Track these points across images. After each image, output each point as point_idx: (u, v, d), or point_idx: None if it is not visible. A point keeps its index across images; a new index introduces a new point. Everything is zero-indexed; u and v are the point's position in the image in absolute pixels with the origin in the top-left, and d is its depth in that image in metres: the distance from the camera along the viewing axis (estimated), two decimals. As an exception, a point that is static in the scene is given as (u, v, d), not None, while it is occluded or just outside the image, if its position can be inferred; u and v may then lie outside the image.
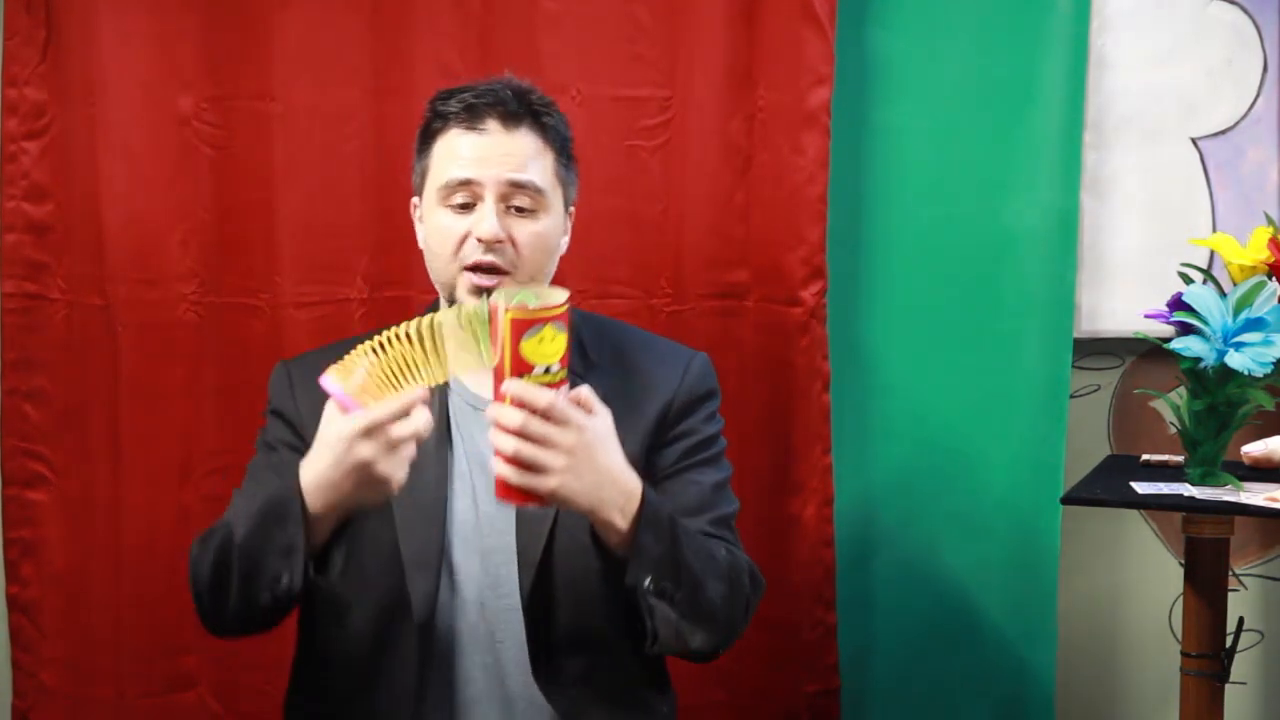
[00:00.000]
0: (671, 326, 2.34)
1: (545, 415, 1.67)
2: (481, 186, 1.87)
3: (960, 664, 2.38)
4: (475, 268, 1.87)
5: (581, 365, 1.93)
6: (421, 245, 1.95)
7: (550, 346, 1.68)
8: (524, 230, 1.88)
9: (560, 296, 1.69)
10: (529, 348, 1.68)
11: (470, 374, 1.89)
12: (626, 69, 2.35)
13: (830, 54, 2.28)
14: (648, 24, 2.34)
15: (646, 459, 1.91)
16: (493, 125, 1.88)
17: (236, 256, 2.42)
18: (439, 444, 1.91)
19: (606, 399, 1.81)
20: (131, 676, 2.47)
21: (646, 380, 1.95)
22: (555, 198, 1.91)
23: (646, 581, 1.76)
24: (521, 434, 1.67)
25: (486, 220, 1.86)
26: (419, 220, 1.96)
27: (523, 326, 1.66)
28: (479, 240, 1.86)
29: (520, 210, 1.88)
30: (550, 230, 1.90)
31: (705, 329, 2.35)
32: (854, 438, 2.38)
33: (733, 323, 2.36)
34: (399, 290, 2.40)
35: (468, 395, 1.95)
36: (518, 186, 1.87)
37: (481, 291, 1.85)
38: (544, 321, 1.67)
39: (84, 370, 2.45)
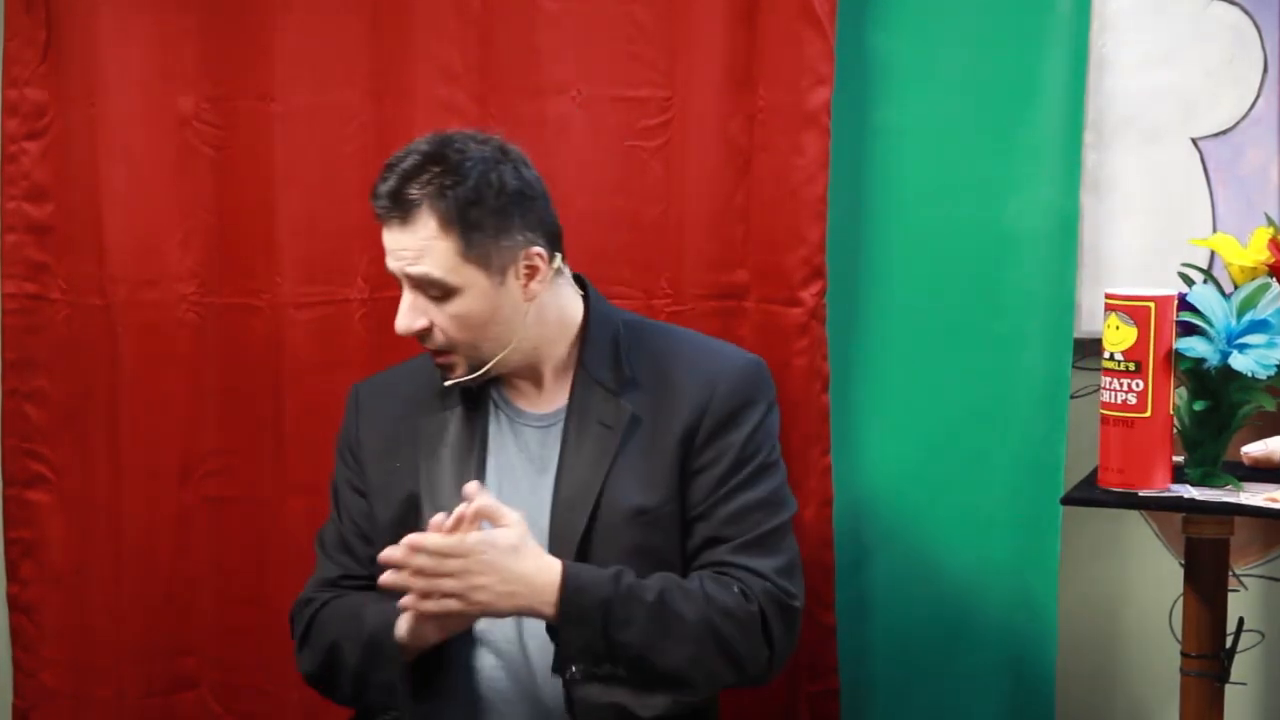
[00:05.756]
0: (671, 327, 2.34)
1: (436, 553, 1.81)
2: (400, 278, 1.93)
3: (960, 664, 2.38)
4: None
5: (615, 382, 1.97)
6: None
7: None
8: (441, 315, 1.93)
9: None
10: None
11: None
12: (626, 69, 2.34)
13: (830, 54, 2.28)
14: (648, 24, 2.34)
15: (681, 483, 1.95)
16: (394, 218, 1.91)
17: (236, 256, 2.43)
18: (467, 454, 1.97)
19: (636, 419, 1.93)
20: (131, 676, 2.47)
21: (676, 400, 1.97)
22: (467, 276, 1.91)
23: (571, 670, 1.86)
24: (412, 572, 1.81)
25: (399, 316, 1.94)
26: None
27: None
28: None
29: (434, 297, 1.92)
30: (472, 308, 1.91)
31: (705, 329, 2.33)
32: (853, 438, 2.37)
33: (732, 323, 2.35)
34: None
35: (509, 409, 2.00)
36: (417, 279, 1.92)
37: (440, 367, 1.97)
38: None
39: (84, 370, 2.46)
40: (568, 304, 2.03)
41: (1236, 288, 2.01)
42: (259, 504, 2.44)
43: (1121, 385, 1.92)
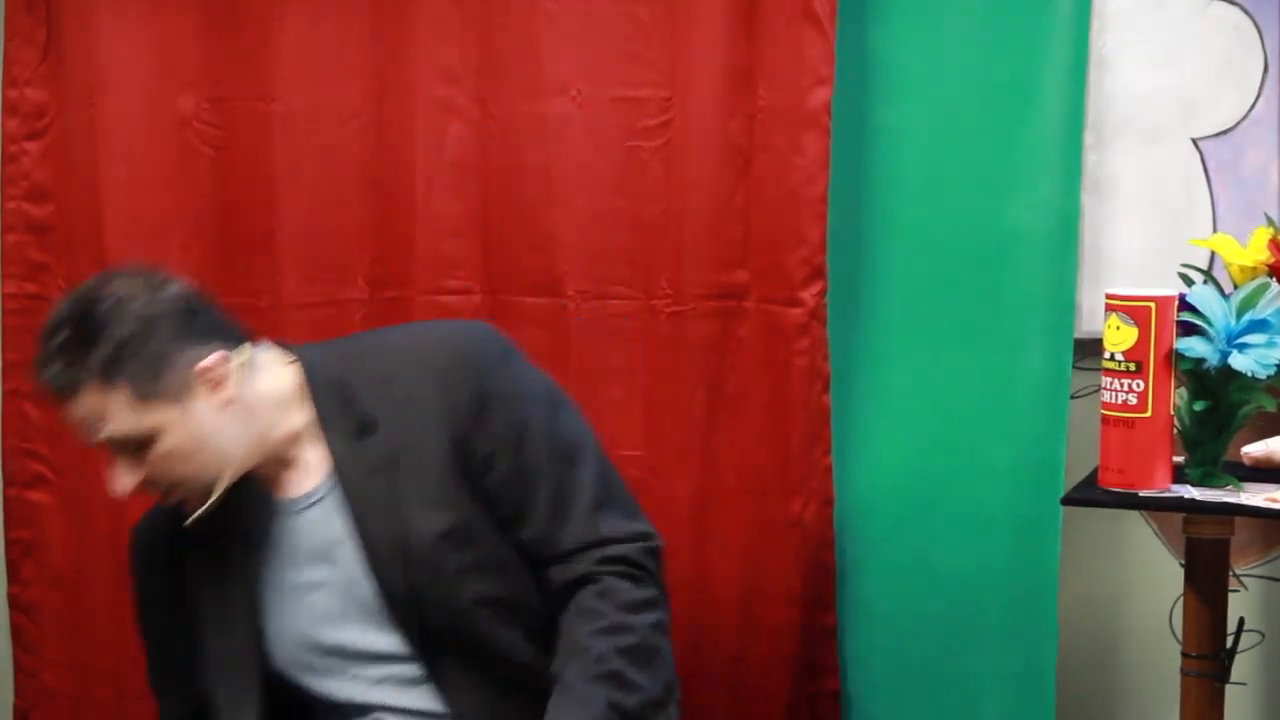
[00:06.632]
0: (671, 327, 2.34)
1: None
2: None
3: (960, 664, 2.38)
4: None
5: (356, 426, 1.87)
6: None
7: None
8: (153, 462, 1.83)
9: None
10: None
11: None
12: (626, 69, 2.34)
13: (830, 54, 2.28)
14: (648, 24, 2.34)
15: (474, 487, 1.86)
16: (59, 398, 1.82)
17: (236, 256, 2.43)
18: (236, 582, 1.91)
19: (392, 455, 1.84)
20: (131, 676, 2.46)
21: (422, 412, 1.86)
22: (154, 419, 1.80)
23: None
24: None
25: (113, 483, 1.85)
26: None
27: None
28: None
29: (136, 450, 1.83)
30: (175, 445, 1.81)
31: (705, 330, 2.34)
32: (854, 438, 2.37)
33: (733, 323, 2.35)
34: (399, 290, 2.40)
35: (272, 507, 1.92)
36: (110, 443, 1.82)
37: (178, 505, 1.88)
38: None
39: (84, 370, 2.45)
40: (273, 382, 1.89)
41: (1236, 288, 2.01)
42: (259, 504, 2.44)
43: (1122, 385, 1.92)
